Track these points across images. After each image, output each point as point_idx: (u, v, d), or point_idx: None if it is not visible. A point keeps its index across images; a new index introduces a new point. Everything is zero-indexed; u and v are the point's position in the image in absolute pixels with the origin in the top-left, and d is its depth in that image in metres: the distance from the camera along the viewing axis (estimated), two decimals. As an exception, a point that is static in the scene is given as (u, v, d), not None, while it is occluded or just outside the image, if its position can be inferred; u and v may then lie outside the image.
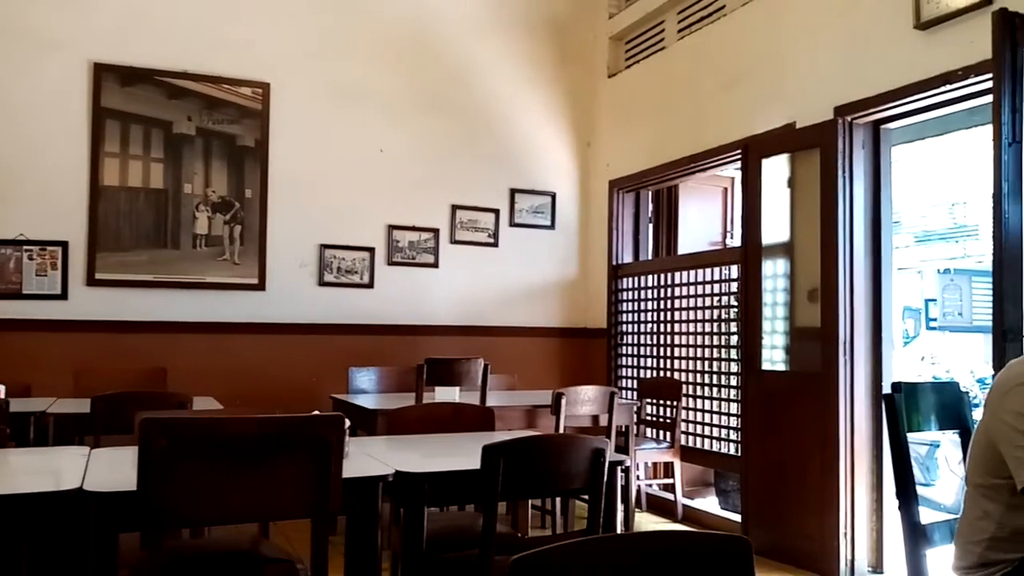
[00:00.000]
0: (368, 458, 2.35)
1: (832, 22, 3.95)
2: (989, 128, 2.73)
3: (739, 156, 4.38)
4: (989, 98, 2.74)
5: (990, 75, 2.75)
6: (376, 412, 3.65)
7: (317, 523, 1.99)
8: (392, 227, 5.34)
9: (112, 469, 2.12)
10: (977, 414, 1.88)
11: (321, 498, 1.95)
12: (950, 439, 5.48)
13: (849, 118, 3.79)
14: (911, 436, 2.12)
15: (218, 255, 4.89)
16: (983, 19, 2.98)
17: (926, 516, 2.00)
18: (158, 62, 4.79)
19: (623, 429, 4.42)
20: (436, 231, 5.47)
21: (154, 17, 4.80)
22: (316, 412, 2.08)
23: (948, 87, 3.33)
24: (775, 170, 4.15)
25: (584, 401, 4.06)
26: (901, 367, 6.91)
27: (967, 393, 2.37)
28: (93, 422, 3.16)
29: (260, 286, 4.97)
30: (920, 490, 4.22)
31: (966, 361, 7.41)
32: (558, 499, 3.94)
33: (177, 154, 4.84)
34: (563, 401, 3.93)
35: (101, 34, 4.69)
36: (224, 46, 4.94)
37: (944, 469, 5.73)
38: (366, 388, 4.58)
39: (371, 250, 5.27)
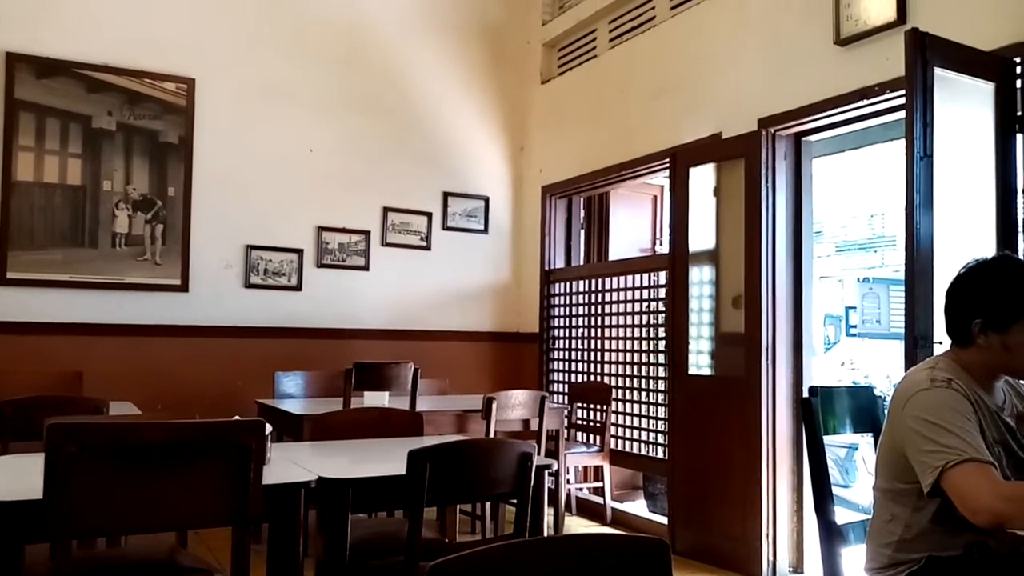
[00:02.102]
0: (291, 464, 2.30)
1: (756, 36, 4.07)
2: (904, 142, 2.84)
3: (667, 164, 4.46)
4: (903, 113, 2.85)
5: (904, 91, 2.86)
6: (302, 417, 3.58)
7: (237, 531, 1.93)
8: (322, 228, 5.25)
9: (18, 477, 2.02)
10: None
11: (240, 506, 1.90)
12: (867, 441, 5.68)
13: (772, 130, 3.91)
14: (831, 439, 2.19)
15: (139, 255, 4.73)
16: (898, 37, 3.10)
17: (843, 516, 2.06)
18: (77, 54, 4.61)
19: (553, 433, 4.44)
20: (367, 233, 5.41)
21: (73, 7, 4.61)
22: (236, 417, 2.03)
23: (865, 102, 3.47)
24: (702, 179, 4.24)
25: (515, 405, 4.07)
26: (821, 372, 7.13)
27: (881, 397, 2.45)
28: (0, 427, 3.01)
29: (183, 287, 4.82)
30: (839, 491, 4.36)
31: (883, 366, 7.70)
32: (487, 504, 3.94)
33: (96, 150, 4.66)
34: (494, 405, 3.93)
35: (15, 23, 4.48)
36: (147, 39, 4.78)
37: (862, 471, 5.93)
38: (293, 393, 4.49)
39: (299, 252, 5.18)
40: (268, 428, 2.03)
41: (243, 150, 5.02)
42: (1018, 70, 2.95)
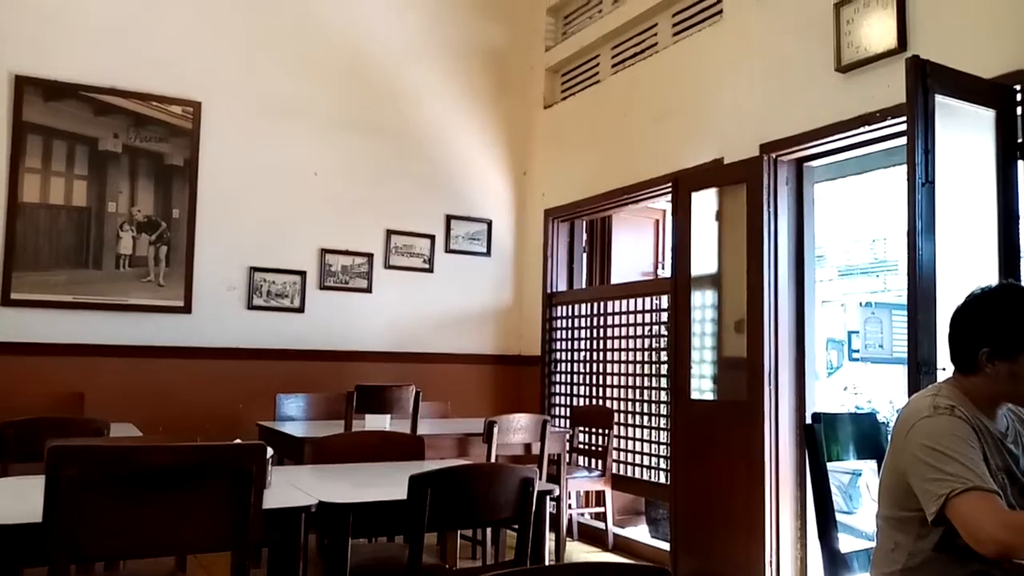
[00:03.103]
0: (292, 488, 2.29)
1: (757, 63, 4.10)
2: (905, 168, 2.85)
3: (669, 189, 4.48)
4: (905, 139, 2.86)
5: (905, 118, 2.87)
6: (303, 440, 3.57)
7: (237, 556, 1.92)
8: (325, 251, 5.27)
9: (18, 499, 2.02)
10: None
11: (240, 530, 1.89)
12: (871, 468, 5.65)
13: (774, 155, 3.92)
14: (834, 465, 2.18)
15: (142, 276, 4.75)
16: (898, 64, 3.12)
17: (847, 544, 2.05)
18: (85, 77, 4.65)
19: (555, 457, 4.42)
20: (370, 256, 5.42)
21: (81, 30, 4.66)
22: (238, 440, 2.02)
23: (867, 128, 3.48)
24: (704, 203, 4.25)
25: (516, 429, 4.05)
26: (824, 397, 7.11)
27: (885, 424, 2.45)
28: (1, 449, 3.00)
29: (186, 309, 4.83)
30: (842, 518, 4.33)
31: (886, 391, 7.68)
32: (488, 529, 3.91)
33: (102, 172, 4.69)
34: (495, 429, 3.91)
35: (24, 46, 4.53)
36: (155, 62, 4.83)
37: (866, 497, 5.89)
38: (294, 415, 4.48)
39: (302, 274, 5.19)
40: (269, 451, 2.02)
41: (248, 172, 5.05)
42: (1018, 97, 2.97)
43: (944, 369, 2.67)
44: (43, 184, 4.56)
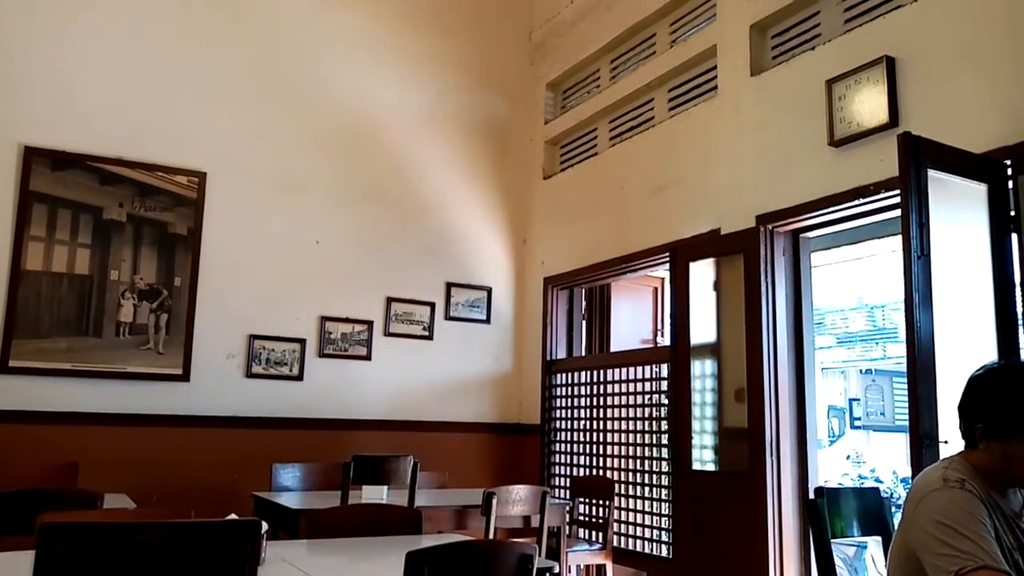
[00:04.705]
0: (287, 565, 2.25)
1: (752, 137, 4.18)
2: (900, 238, 2.89)
3: (667, 258, 4.51)
4: (899, 212, 2.90)
5: (899, 191, 2.92)
6: (299, 512, 3.51)
7: (227, 636, 1.87)
8: (325, 318, 5.28)
9: (9, 575, 1.98)
10: (899, 517, 1.92)
11: (233, 609, 1.84)
12: (876, 540, 5.55)
13: (770, 226, 3.97)
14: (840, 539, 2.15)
15: (142, 344, 4.75)
16: (891, 139, 3.19)
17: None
18: (92, 147, 4.74)
19: (555, 530, 4.34)
20: (370, 323, 5.43)
21: (90, 102, 4.77)
22: (232, 516, 1.99)
23: (861, 200, 3.54)
24: (702, 273, 4.28)
25: (515, 501, 3.99)
26: (828, 466, 7.03)
27: (888, 497, 2.42)
28: (-10, 522, 2.95)
29: (184, 377, 4.81)
30: (848, 593, 4.24)
31: (890, 460, 7.60)
32: (486, 605, 3.81)
33: (105, 240, 4.74)
34: (494, 501, 3.85)
35: (34, 117, 4.63)
36: (161, 133, 4.92)
37: (872, 571, 5.77)
38: (290, 485, 4.42)
39: (302, 341, 5.19)
40: (264, 527, 1.99)
41: (250, 241, 5.10)
42: (1009, 172, 3.02)
43: (947, 442, 2.65)
44: (47, 252, 4.60)
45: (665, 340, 5.64)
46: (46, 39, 4.69)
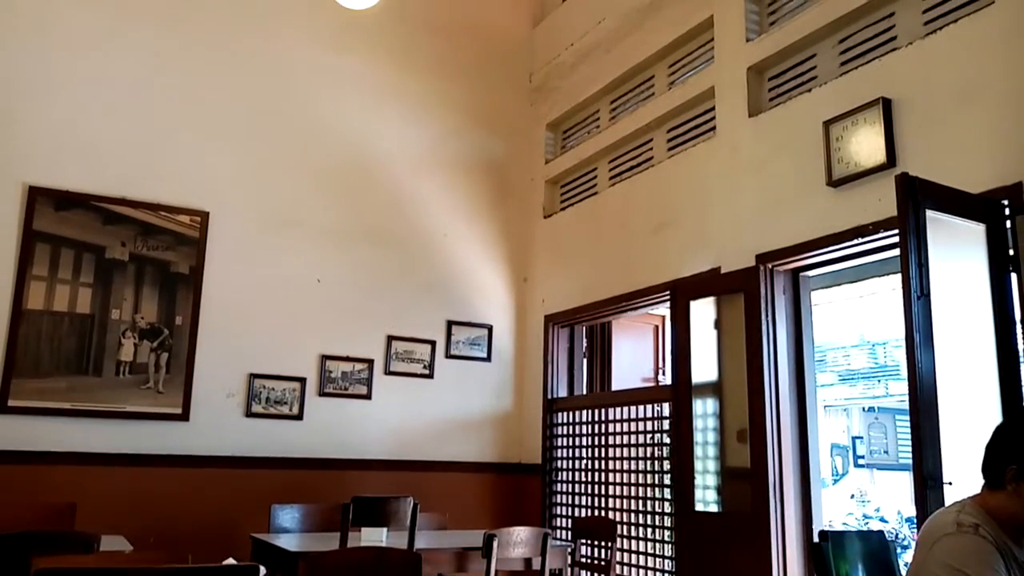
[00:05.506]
0: (285, 609, 2.22)
1: (751, 177, 4.21)
2: (899, 276, 2.90)
3: (668, 297, 4.52)
4: (898, 251, 2.91)
5: (897, 230, 2.94)
6: (297, 555, 3.47)
7: None
8: (325, 357, 5.27)
9: (1, 624, 1.95)
10: (905, 557, 1.90)
11: (230, 657, 1.82)
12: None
13: (770, 265, 3.98)
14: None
15: (142, 383, 4.73)
16: (889, 179, 3.22)
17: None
18: (96, 187, 4.77)
19: (557, 572, 4.28)
20: (371, 362, 5.42)
21: (93, 143, 4.81)
22: (230, 560, 1.97)
23: (860, 240, 3.55)
24: (703, 312, 4.29)
25: (516, 543, 3.94)
26: (831, 505, 6.96)
27: (893, 540, 2.40)
28: (-14, 566, 2.91)
29: (184, 416, 4.79)
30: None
31: (895, 499, 7.52)
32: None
33: (107, 279, 4.75)
34: (495, 543, 3.80)
35: (38, 158, 4.66)
36: (165, 173, 4.96)
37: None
38: (289, 527, 4.37)
39: (302, 380, 5.17)
40: (262, 571, 1.97)
41: (251, 280, 5.11)
42: (1007, 211, 3.04)
43: (951, 484, 2.63)
44: (48, 291, 4.60)
45: (666, 379, 5.62)
46: (52, 80, 4.75)
